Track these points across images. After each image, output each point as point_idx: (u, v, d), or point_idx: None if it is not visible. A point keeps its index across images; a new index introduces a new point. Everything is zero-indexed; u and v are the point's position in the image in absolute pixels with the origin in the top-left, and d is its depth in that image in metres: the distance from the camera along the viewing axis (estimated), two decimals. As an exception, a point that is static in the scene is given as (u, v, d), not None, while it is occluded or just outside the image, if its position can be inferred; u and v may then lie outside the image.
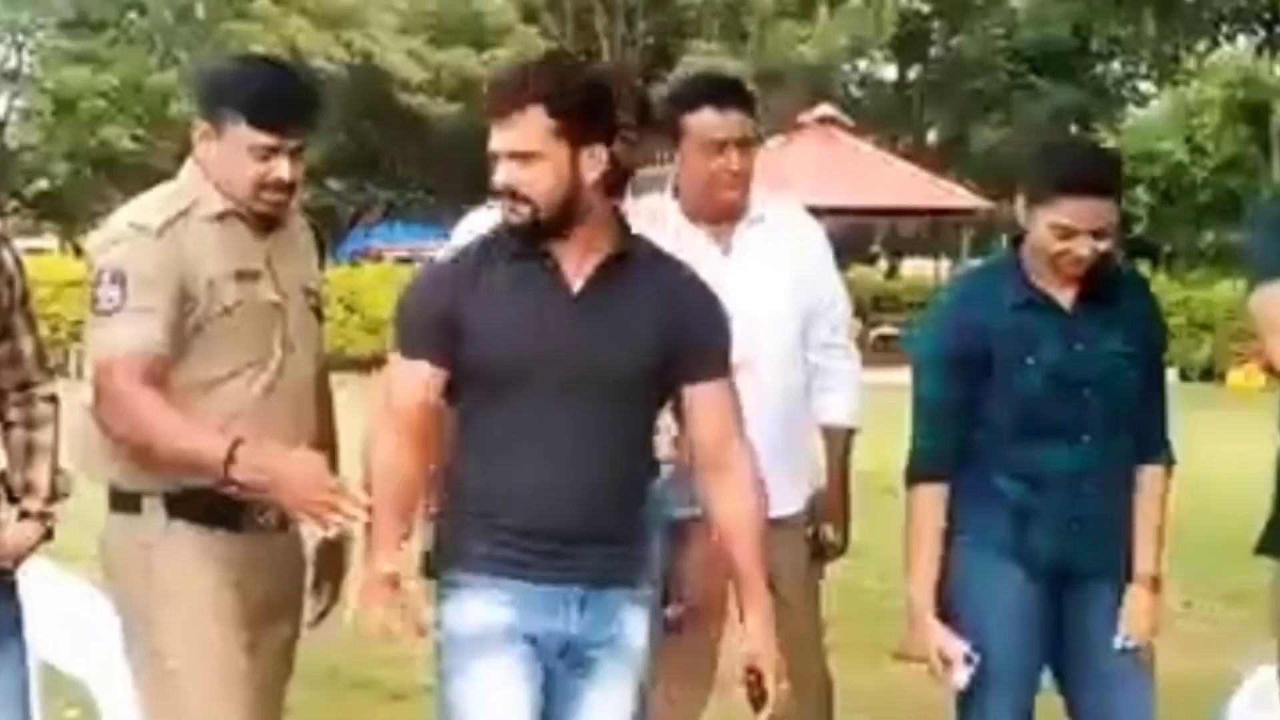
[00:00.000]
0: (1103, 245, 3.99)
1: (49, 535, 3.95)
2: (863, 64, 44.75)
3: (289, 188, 3.77)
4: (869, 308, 32.10)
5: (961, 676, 4.04)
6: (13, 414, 3.94)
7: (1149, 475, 4.24)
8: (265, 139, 3.66)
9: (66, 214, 43.60)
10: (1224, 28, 36.03)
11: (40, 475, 3.95)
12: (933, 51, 44.57)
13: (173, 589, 3.73)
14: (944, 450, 4.10)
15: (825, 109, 31.98)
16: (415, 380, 3.47)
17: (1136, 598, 4.16)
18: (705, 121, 4.62)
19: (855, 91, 41.72)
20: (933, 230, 36.17)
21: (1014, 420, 4.06)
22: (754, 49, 36.39)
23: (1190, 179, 33.44)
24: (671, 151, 4.46)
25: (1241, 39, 37.62)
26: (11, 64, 43.83)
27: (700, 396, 3.49)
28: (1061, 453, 4.08)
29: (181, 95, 37.78)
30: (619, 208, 3.54)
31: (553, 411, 3.40)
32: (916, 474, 4.12)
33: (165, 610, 3.74)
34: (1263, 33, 38.51)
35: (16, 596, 3.95)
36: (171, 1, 40.59)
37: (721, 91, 4.79)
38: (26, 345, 3.94)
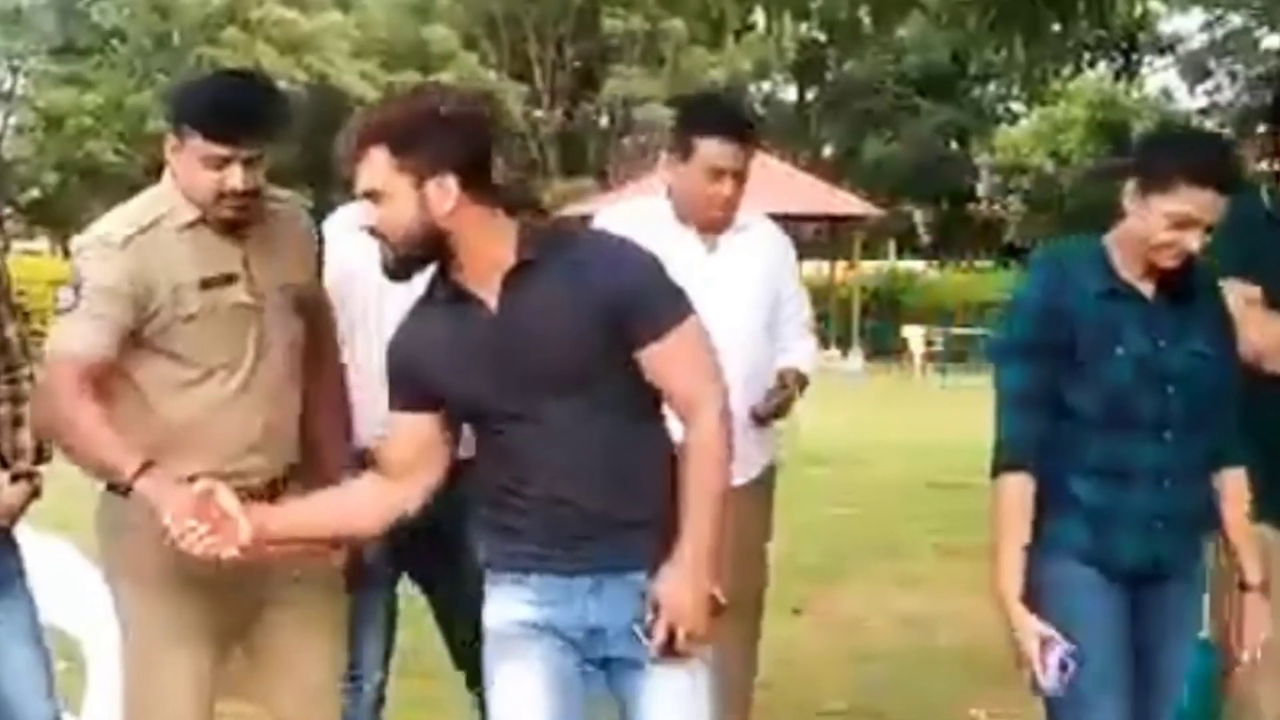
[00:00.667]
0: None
1: (37, 494, 3.95)
2: (766, 86, 44.83)
3: (245, 194, 3.63)
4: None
5: (1055, 680, 3.60)
6: (1, 391, 3.93)
7: (1231, 479, 3.89)
8: (217, 149, 3.56)
9: (56, 219, 43.48)
10: (1086, 55, 36.27)
11: (25, 441, 3.95)
12: (828, 75, 44.67)
13: (146, 576, 3.69)
14: (1029, 440, 3.74)
15: (733, 126, 32.05)
16: (399, 433, 3.37)
17: (1256, 605, 3.85)
18: (712, 149, 4.60)
19: (759, 110, 41.66)
20: (829, 234, 36.24)
21: (1102, 412, 3.72)
22: (669, 72, 36.40)
23: (1057, 190, 33.70)
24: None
25: (1102, 65, 37.93)
26: (7, 86, 44.04)
27: (655, 357, 3.18)
28: (1147, 447, 3.73)
29: (158, 113, 38.09)
30: (524, 220, 3.26)
31: (524, 425, 3.22)
32: (1003, 464, 3.77)
33: (134, 593, 3.77)
34: (1121, 60, 38.87)
35: (17, 549, 3.95)
36: (149, 29, 40.44)
37: (735, 125, 4.71)
38: (11, 333, 3.95)
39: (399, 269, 3.21)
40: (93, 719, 4.30)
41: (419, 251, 3.15)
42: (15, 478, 3.90)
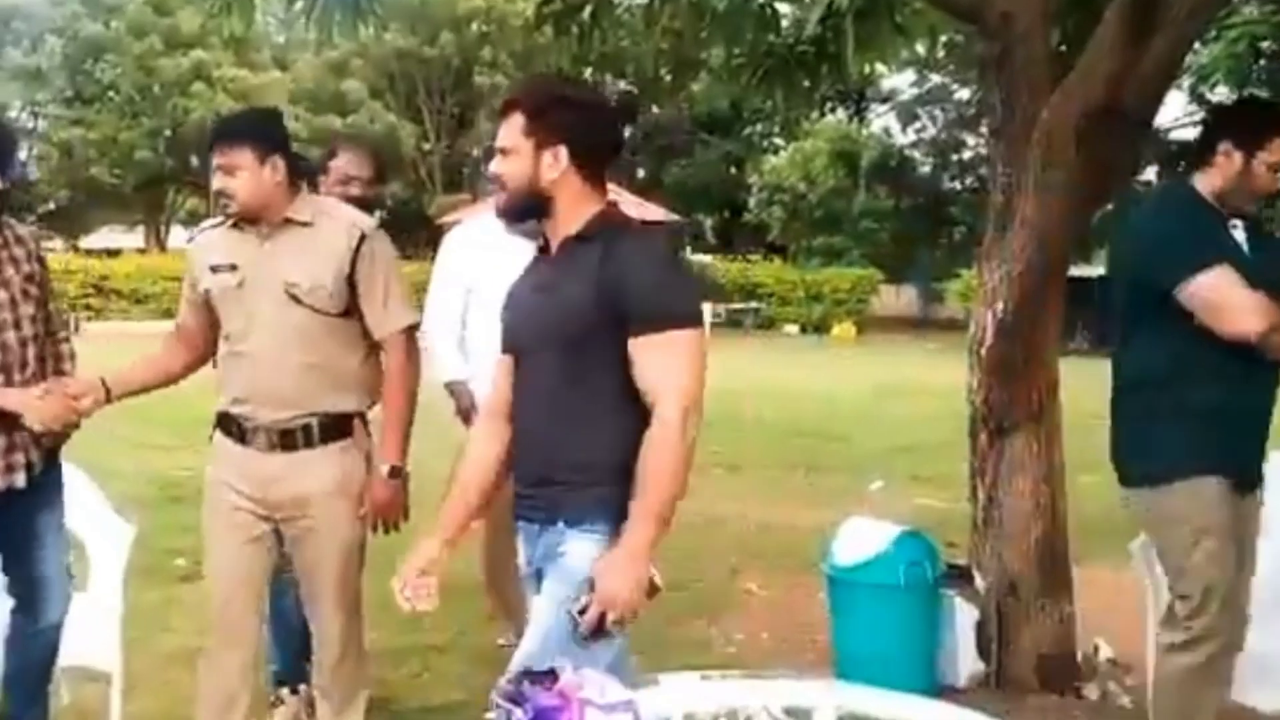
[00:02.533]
0: None
1: (76, 424, 3.70)
2: (595, 126, 44.73)
3: (220, 194, 3.47)
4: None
5: None
6: (50, 346, 3.75)
7: None
8: (213, 159, 3.48)
9: (66, 227, 43.75)
10: (828, 104, 36.77)
11: (67, 370, 3.79)
12: (640, 118, 44.66)
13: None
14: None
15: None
16: (500, 375, 3.03)
17: None
18: None
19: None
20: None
21: None
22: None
23: (807, 202, 34.11)
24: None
25: (840, 110, 38.45)
26: (30, 125, 43.64)
27: (638, 349, 2.72)
28: (1257, 355, 3.43)
29: (143, 146, 39.69)
30: (609, 203, 2.92)
31: (528, 370, 2.90)
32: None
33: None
34: (853, 106, 39.43)
35: (59, 463, 3.81)
36: (136, 84, 40.09)
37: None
38: (52, 306, 3.80)
39: (508, 212, 3.03)
40: (93, 595, 4.16)
41: (524, 203, 2.89)
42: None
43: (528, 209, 2.90)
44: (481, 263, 4.57)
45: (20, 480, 3.63)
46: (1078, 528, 4.98)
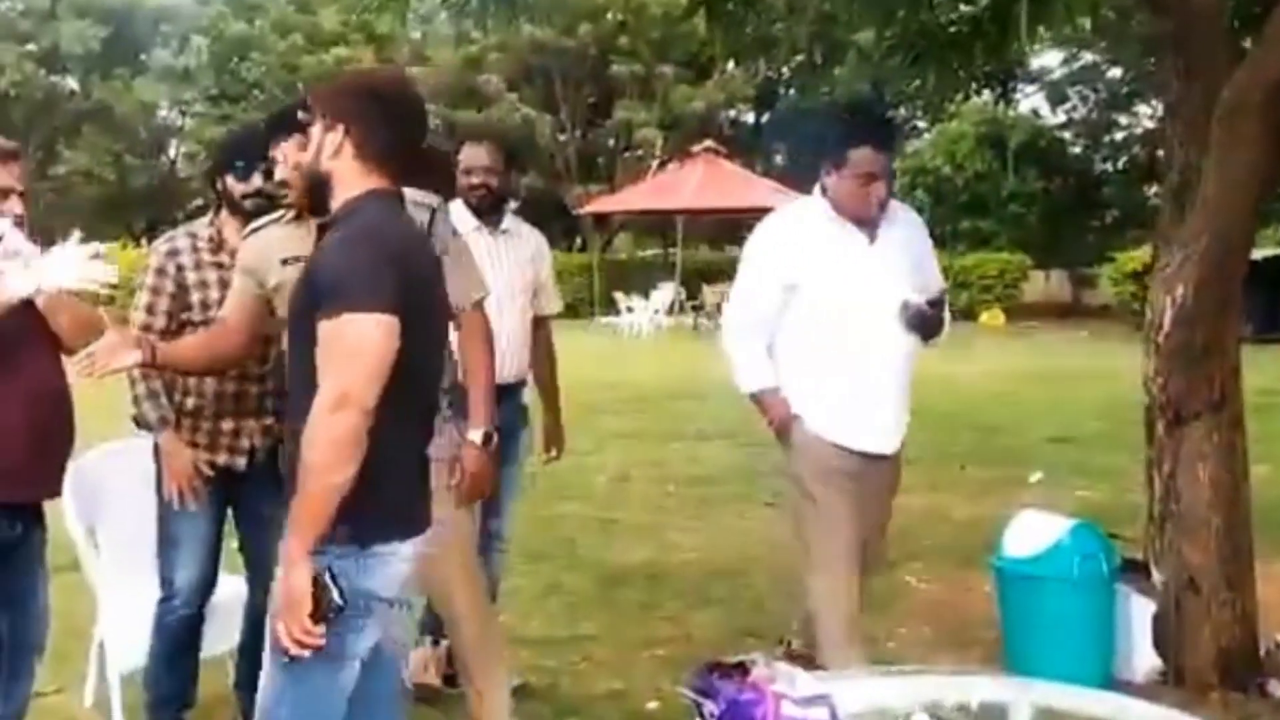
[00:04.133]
0: None
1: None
2: (732, 113, 44.53)
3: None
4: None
5: None
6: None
7: None
8: None
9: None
10: (974, 84, 36.17)
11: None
12: (777, 104, 44.38)
13: None
14: None
15: (708, 143, 31.89)
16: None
17: None
18: (864, 157, 4.15)
19: (728, 131, 41.46)
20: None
21: None
22: (660, 105, 36.26)
23: (952, 186, 33.55)
24: None
25: (986, 92, 37.74)
26: (178, 124, 45.63)
27: (318, 332, 2.59)
28: None
29: None
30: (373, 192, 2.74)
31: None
32: None
33: None
34: (1000, 88, 38.66)
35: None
36: (280, 81, 41.18)
37: (881, 136, 4.34)
38: None
39: (299, 197, 3.14)
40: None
41: (308, 184, 2.83)
42: None
43: (314, 190, 2.80)
44: (804, 258, 4.29)
45: (241, 464, 3.91)
46: (1255, 520, 4.83)
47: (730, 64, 36.16)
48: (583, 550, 6.81)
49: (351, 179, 2.72)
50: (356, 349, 2.51)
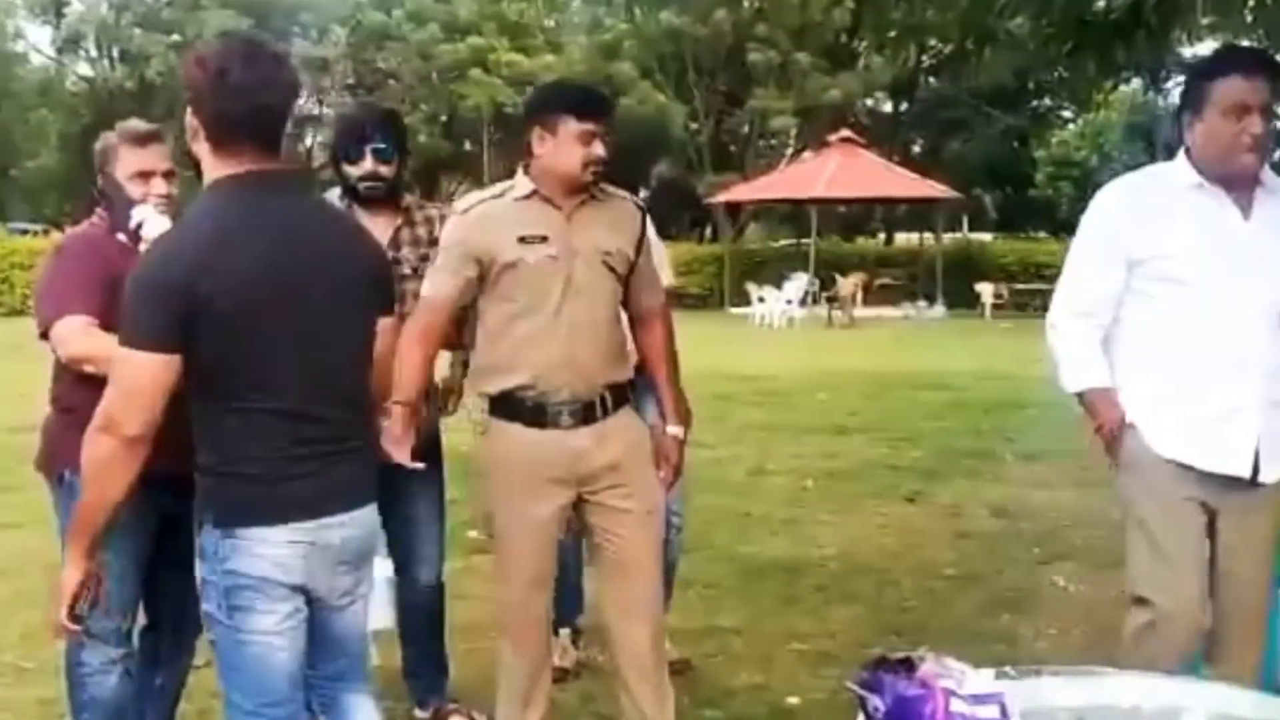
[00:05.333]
0: None
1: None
2: (870, 101, 44.07)
3: (595, 163, 3.47)
4: (873, 265, 31.92)
5: None
6: None
7: None
8: (588, 126, 3.45)
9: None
10: (1124, 72, 35.32)
11: None
12: (918, 92, 43.82)
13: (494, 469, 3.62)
14: None
15: (844, 132, 31.64)
16: None
17: None
18: (1232, 87, 3.29)
19: (864, 120, 41.05)
20: (918, 213, 35.69)
21: None
22: (796, 93, 36.02)
23: (1099, 179, 32.81)
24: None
25: (1136, 80, 36.81)
26: (315, 112, 45.77)
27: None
28: None
29: (418, 131, 40.00)
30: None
31: None
32: None
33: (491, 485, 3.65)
34: (1149, 77, 37.67)
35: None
36: (415, 71, 42.04)
37: (1250, 61, 3.41)
38: None
39: None
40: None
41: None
42: None
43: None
44: (1154, 230, 3.48)
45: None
46: None
47: (874, 53, 35.81)
48: (719, 543, 6.81)
49: (209, 165, 2.67)
50: (119, 371, 2.58)
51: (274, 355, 2.61)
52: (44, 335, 3.34)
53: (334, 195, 4.12)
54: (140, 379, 2.54)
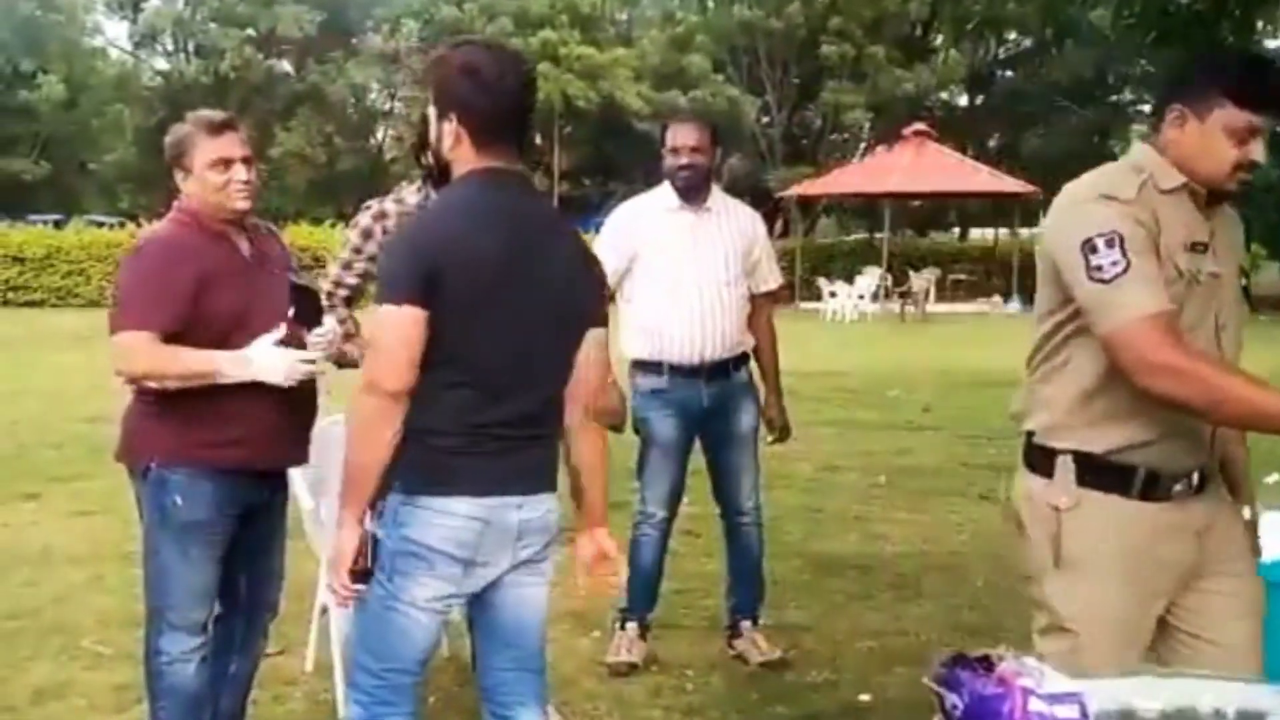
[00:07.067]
0: None
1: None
2: (944, 95, 43.76)
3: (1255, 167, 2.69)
4: (947, 260, 31.65)
5: None
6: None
7: None
8: (1253, 119, 2.63)
9: None
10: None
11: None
12: (993, 86, 43.47)
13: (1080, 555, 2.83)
14: None
15: (918, 126, 31.41)
16: None
17: None
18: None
19: (939, 113, 40.76)
20: (993, 208, 35.35)
21: None
22: (870, 86, 35.85)
23: (1179, 172, 32.28)
24: None
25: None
26: (387, 108, 47.32)
27: None
28: None
29: None
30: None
31: None
32: None
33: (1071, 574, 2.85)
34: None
35: None
36: None
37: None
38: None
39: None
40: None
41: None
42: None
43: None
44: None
45: None
46: None
47: (950, 47, 35.52)
48: (789, 539, 6.78)
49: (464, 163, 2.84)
50: (381, 335, 2.71)
51: (489, 337, 2.72)
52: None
53: (410, 190, 4.07)
54: (396, 334, 2.67)
